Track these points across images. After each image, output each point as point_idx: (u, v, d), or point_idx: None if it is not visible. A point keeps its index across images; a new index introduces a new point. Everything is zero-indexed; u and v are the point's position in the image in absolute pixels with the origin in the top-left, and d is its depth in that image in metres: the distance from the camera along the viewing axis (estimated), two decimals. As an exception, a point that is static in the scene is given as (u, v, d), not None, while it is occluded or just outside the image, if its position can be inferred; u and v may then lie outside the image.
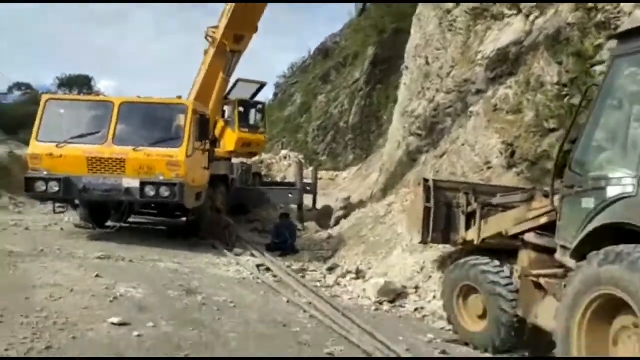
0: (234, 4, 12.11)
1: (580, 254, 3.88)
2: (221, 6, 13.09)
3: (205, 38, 13.79)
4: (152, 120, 9.66)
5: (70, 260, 7.47)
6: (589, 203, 3.93)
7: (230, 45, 12.67)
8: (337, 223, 13.29)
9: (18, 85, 44.93)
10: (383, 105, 30.24)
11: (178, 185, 8.89)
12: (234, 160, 14.22)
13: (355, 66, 34.26)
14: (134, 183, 8.94)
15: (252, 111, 15.36)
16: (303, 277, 8.38)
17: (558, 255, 4.39)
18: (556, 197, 4.63)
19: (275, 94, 46.52)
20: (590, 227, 3.80)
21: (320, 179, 28.07)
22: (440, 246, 7.86)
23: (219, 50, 13.03)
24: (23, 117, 35.86)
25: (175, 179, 8.95)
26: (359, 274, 8.64)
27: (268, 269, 8.52)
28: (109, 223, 10.94)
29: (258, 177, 16.64)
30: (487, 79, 11.03)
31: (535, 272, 4.77)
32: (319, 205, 15.51)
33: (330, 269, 8.93)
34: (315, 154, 33.13)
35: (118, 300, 5.81)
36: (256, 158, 18.33)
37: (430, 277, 7.78)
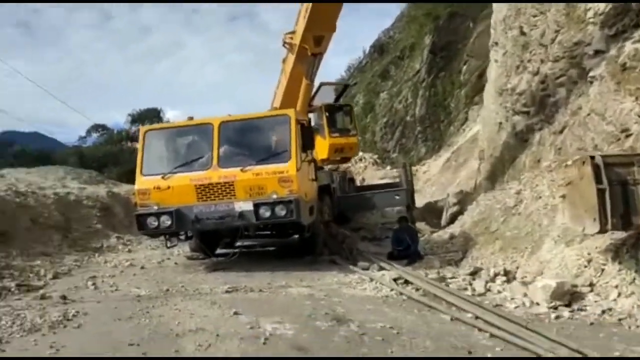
0: (310, 4, 11.42)
1: None
2: (269, 17, 12.55)
3: (283, 45, 13.23)
4: (254, 137, 9.05)
5: (200, 298, 6.93)
6: None
7: (311, 49, 11.97)
8: (452, 220, 12.25)
9: (95, 128, 46.81)
10: (449, 92, 29.50)
11: (294, 202, 8.19)
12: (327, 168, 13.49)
13: (414, 57, 33.26)
14: (247, 206, 8.32)
15: (339, 114, 14.56)
16: (447, 286, 7.44)
17: None
18: None
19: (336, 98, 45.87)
20: None
21: (399, 176, 27.02)
22: (607, 233, 6.71)
23: (299, 56, 12.39)
24: (103, 157, 37.43)
25: (289, 195, 8.26)
26: (508, 276, 7.63)
27: (406, 282, 7.65)
28: (219, 250, 10.49)
29: (352, 182, 15.86)
30: (606, 37, 9.76)
31: None
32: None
33: (473, 273, 7.92)
34: (385, 152, 32.33)
35: (270, 341, 5.13)
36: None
37: (602, 270, 6.63)
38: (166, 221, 8.46)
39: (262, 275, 8.34)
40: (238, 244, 10.86)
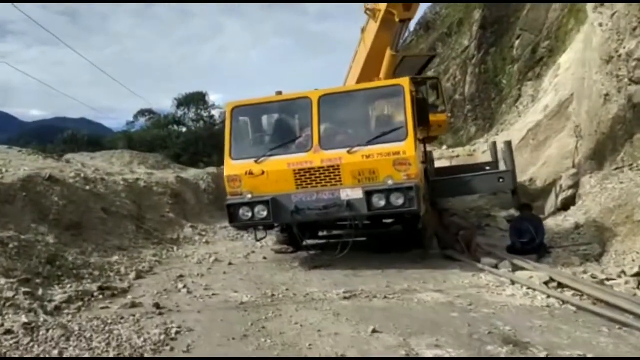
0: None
1: None
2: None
3: (365, 12, 11.84)
4: (361, 112, 7.74)
5: (316, 307, 5.74)
6: None
7: (400, 14, 10.44)
8: (564, 205, 10.74)
9: (142, 112, 46.72)
10: (500, 69, 28.38)
11: (414, 188, 6.87)
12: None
13: (462, 33, 32.10)
14: (356, 193, 7.04)
15: (425, 88, 13.06)
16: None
17: None
18: None
19: (382, 76, 44.59)
20: None
21: (457, 156, 25.41)
22: None
23: (384, 23, 10.93)
24: (151, 141, 37.24)
25: (407, 181, 6.93)
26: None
27: (560, 285, 6.26)
28: (306, 242, 9.31)
29: (432, 164, 14.42)
30: None
31: None
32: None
33: (638, 274, 6.48)
34: (433, 132, 31.29)
35: (444, 375, 3.88)
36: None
37: None
38: (261, 212, 7.28)
39: (373, 275, 7.11)
40: (320, 234, 9.67)
